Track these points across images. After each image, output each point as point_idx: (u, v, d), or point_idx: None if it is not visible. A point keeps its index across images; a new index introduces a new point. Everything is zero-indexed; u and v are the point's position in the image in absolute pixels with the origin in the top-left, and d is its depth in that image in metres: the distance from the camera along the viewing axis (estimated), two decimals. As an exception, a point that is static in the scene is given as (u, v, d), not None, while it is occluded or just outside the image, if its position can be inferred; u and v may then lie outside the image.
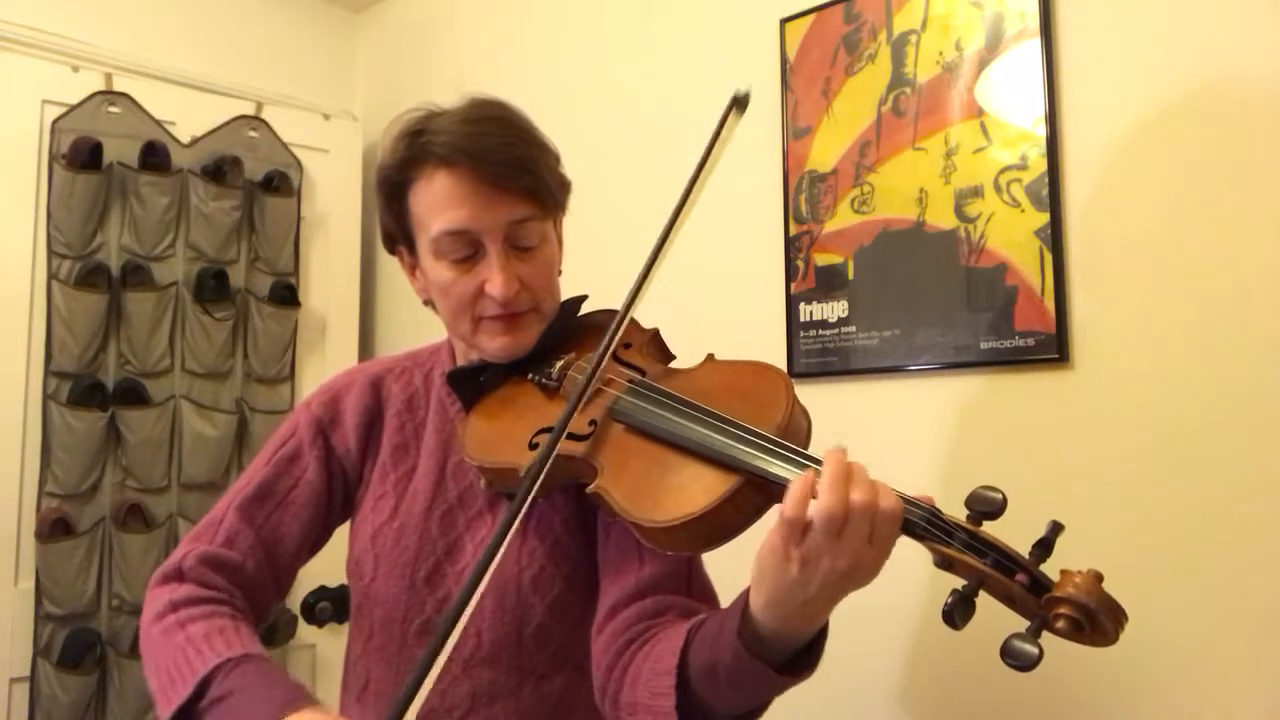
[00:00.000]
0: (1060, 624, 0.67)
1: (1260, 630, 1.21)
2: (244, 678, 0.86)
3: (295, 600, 2.30)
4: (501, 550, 0.77)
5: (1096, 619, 0.66)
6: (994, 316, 1.45)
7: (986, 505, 0.71)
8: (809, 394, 1.65)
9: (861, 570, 0.72)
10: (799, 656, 0.79)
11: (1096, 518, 1.33)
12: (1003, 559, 0.70)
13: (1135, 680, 1.30)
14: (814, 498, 0.71)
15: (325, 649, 2.37)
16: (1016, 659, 0.66)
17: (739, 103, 0.89)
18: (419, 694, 0.72)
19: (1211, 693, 1.24)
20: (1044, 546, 0.71)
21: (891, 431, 1.56)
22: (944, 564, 0.72)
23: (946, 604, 0.69)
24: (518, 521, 0.78)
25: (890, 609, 1.52)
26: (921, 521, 0.72)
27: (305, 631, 2.31)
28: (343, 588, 2.24)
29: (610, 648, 0.91)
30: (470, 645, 1.01)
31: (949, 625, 0.69)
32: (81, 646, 2.05)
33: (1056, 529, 0.71)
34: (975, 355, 1.47)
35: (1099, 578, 0.68)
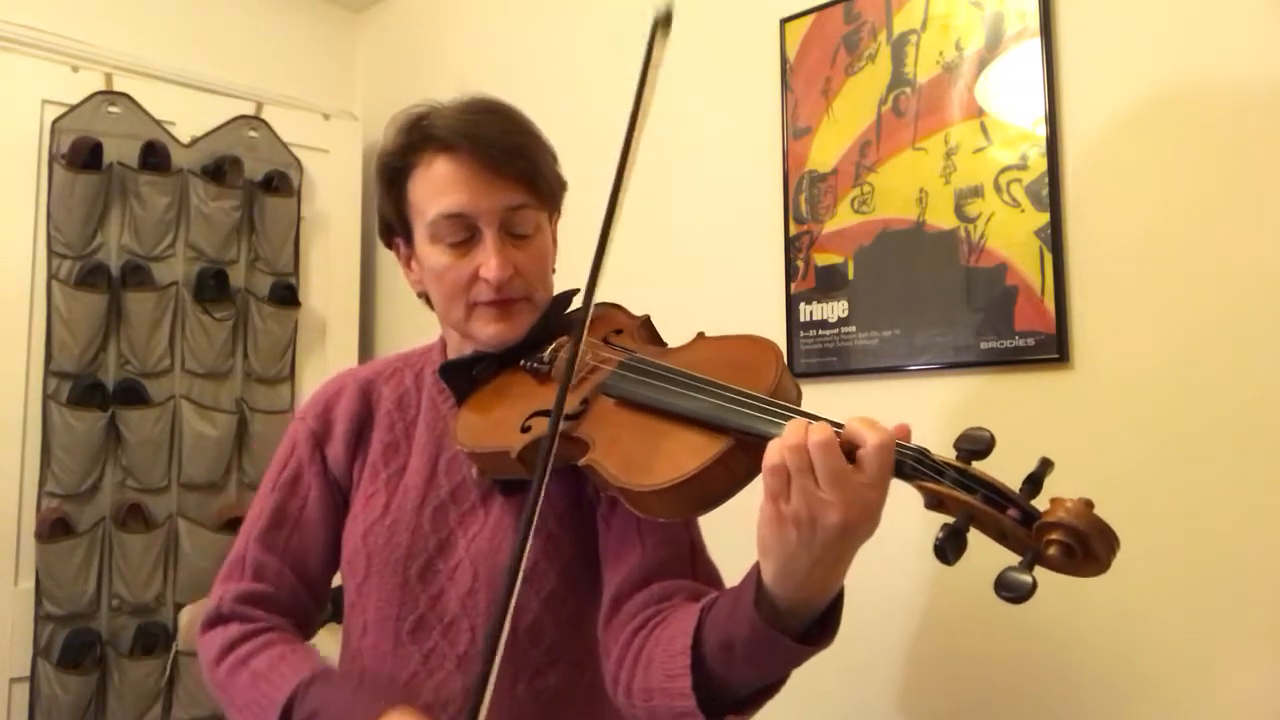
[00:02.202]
0: (1052, 550, 0.66)
1: (1260, 629, 1.21)
2: (323, 694, 0.91)
3: (295, 600, 2.30)
4: (531, 537, 0.78)
5: (1088, 543, 0.66)
6: (994, 316, 1.45)
7: (975, 444, 0.72)
8: (809, 394, 1.65)
9: (857, 520, 0.71)
10: (816, 625, 0.78)
11: (1096, 518, 1.32)
12: (993, 494, 0.70)
13: (1135, 678, 1.30)
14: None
15: (325, 649, 2.36)
16: (1011, 590, 0.65)
17: (662, 22, 0.86)
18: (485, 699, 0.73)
19: (1212, 691, 1.24)
20: (1033, 482, 0.71)
21: (891, 431, 1.56)
22: (934, 503, 0.72)
23: (938, 539, 0.68)
24: (540, 501, 0.79)
25: (891, 603, 1.52)
26: (911, 460, 0.72)
27: (305, 631, 2.31)
28: (342, 588, 2.24)
29: (619, 636, 0.91)
30: (464, 640, 1.01)
31: (941, 560, 0.68)
32: (81, 646, 2.05)
33: (1046, 465, 0.71)
34: (975, 355, 1.47)
35: (1090, 504, 0.67)
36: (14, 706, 2.01)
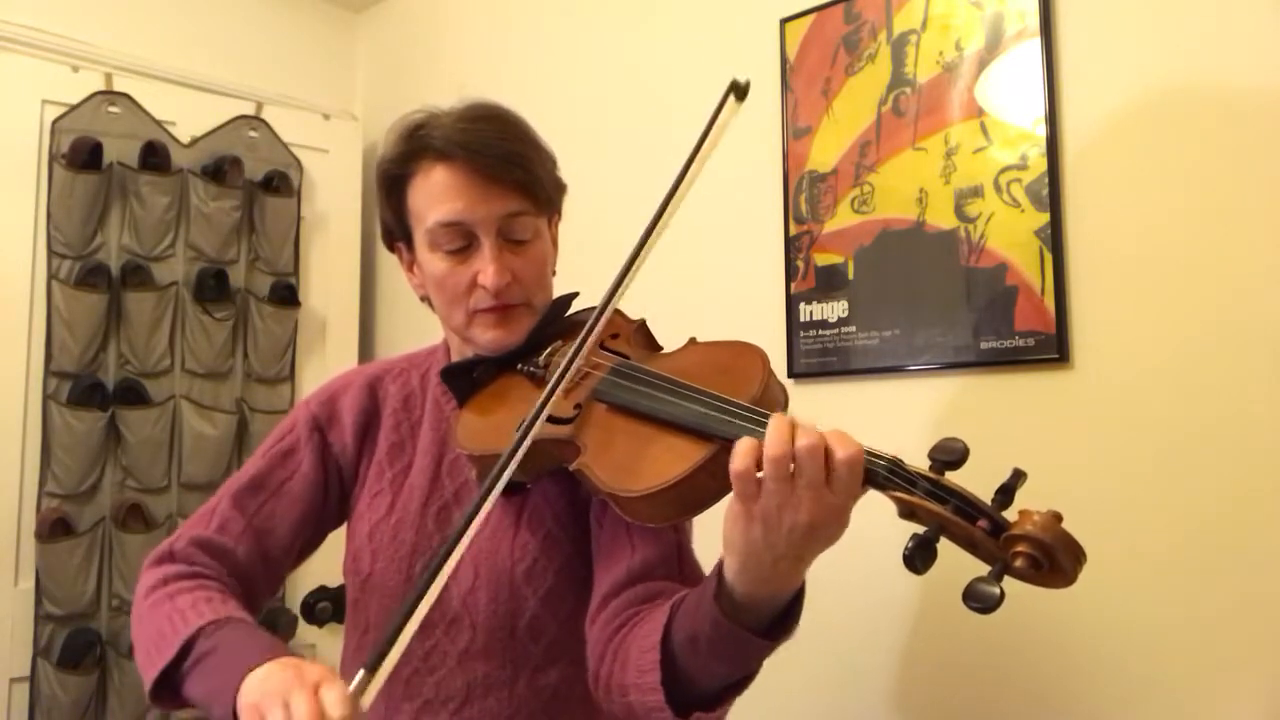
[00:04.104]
0: (1019, 562, 0.67)
1: (1260, 630, 1.21)
2: (225, 637, 0.89)
3: (295, 600, 2.30)
4: (483, 513, 0.77)
5: (1054, 556, 0.67)
6: (994, 316, 1.45)
7: (949, 454, 0.72)
8: (809, 394, 1.66)
9: (825, 522, 0.72)
10: (778, 620, 0.79)
11: (1096, 517, 1.32)
12: (964, 505, 0.70)
13: (1134, 679, 1.30)
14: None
15: (325, 649, 2.37)
16: (978, 601, 0.66)
17: (738, 90, 0.88)
18: (398, 643, 0.72)
19: (1211, 693, 1.24)
20: (1005, 493, 0.71)
21: (891, 431, 1.55)
22: (907, 513, 0.72)
23: (907, 548, 0.69)
24: (499, 488, 0.79)
25: (883, 609, 1.53)
26: (884, 471, 0.73)
27: (305, 631, 2.31)
28: (343, 587, 2.24)
29: (603, 635, 0.92)
30: (465, 638, 1.02)
31: (910, 569, 0.69)
32: (81, 646, 2.05)
33: (1018, 476, 0.72)
34: (975, 355, 1.47)
35: (1058, 517, 0.68)
36: (14, 706, 2.01)
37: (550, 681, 1.02)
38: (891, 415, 1.57)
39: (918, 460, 0.75)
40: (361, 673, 0.72)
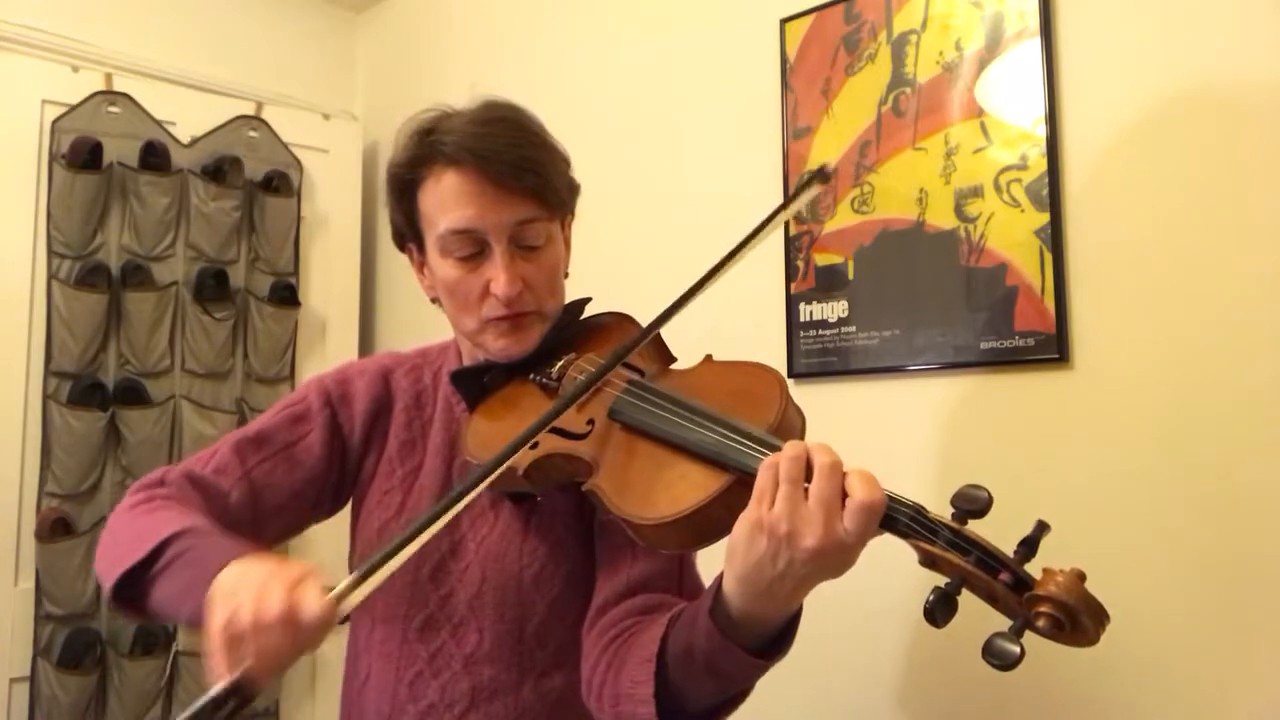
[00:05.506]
0: (1041, 622, 0.67)
1: (1260, 630, 1.21)
2: (202, 539, 0.87)
3: (295, 600, 2.30)
4: (461, 505, 0.77)
5: (1077, 618, 0.66)
6: (994, 316, 1.45)
7: (972, 503, 0.71)
8: (809, 394, 1.66)
9: (830, 554, 0.71)
10: (772, 641, 0.79)
11: (1096, 518, 1.33)
12: (986, 557, 0.70)
13: (1135, 679, 1.30)
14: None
15: (325, 648, 2.37)
16: (998, 658, 0.66)
17: (820, 177, 0.94)
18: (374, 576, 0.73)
19: (1211, 692, 1.24)
20: (1028, 545, 0.70)
21: (891, 431, 1.56)
22: (928, 562, 0.72)
23: (928, 602, 0.69)
24: (483, 486, 0.78)
25: (885, 613, 1.52)
26: (905, 519, 0.72)
27: (305, 631, 2.31)
28: (343, 588, 2.24)
29: (599, 643, 0.92)
30: (472, 641, 1.02)
31: (930, 623, 0.69)
32: (81, 646, 2.05)
33: (1042, 528, 0.71)
34: (975, 355, 1.47)
35: (1081, 577, 0.67)
36: (14, 706, 2.01)
37: (555, 686, 1.02)
38: (891, 415, 1.57)
39: (922, 466, 0.75)
40: (348, 578, 0.71)
